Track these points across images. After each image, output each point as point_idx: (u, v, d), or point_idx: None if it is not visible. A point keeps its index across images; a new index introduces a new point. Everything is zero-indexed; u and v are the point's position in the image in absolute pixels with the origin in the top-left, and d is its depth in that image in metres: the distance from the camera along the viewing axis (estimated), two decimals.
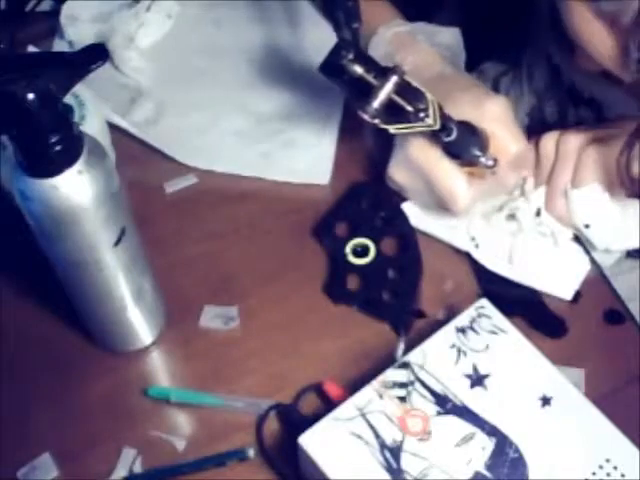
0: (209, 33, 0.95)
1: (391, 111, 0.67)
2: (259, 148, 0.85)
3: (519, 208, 0.76)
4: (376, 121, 0.67)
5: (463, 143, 0.70)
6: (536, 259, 0.76)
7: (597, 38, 0.64)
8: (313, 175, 0.83)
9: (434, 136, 0.70)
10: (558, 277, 0.75)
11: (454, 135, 0.69)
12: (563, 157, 0.74)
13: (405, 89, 0.67)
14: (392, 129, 0.68)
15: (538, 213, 0.76)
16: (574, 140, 0.73)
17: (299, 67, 0.90)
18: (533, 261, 0.76)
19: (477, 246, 0.77)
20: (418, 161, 0.73)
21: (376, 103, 0.66)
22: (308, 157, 0.84)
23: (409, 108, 0.67)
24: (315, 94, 0.88)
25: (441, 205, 0.74)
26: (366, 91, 0.66)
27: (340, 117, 0.87)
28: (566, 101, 0.84)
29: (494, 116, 0.73)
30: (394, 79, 0.66)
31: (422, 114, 0.67)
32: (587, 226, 0.74)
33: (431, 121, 0.67)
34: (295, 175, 0.83)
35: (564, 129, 0.75)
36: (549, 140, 0.75)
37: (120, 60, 0.90)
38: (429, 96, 0.68)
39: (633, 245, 0.74)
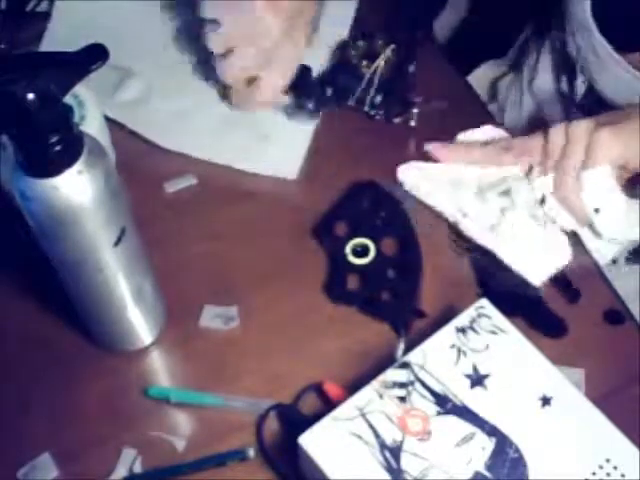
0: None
1: None
2: (235, 139, 0.86)
3: (518, 190, 0.76)
4: None
5: None
6: (518, 238, 0.76)
7: None
8: (281, 170, 0.83)
9: None
10: (534, 261, 0.76)
11: None
12: (574, 139, 0.74)
13: None
14: None
15: (542, 201, 0.76)
16: (585, 123, 0.74)
17: None
18: (515, 240, 0.76)
19: (465, 215, 0.77)
20: None
21: None
22: (281, 152, 0.85)
23: None
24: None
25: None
26: None
27: (319, 118, 0.87)
28: (568, 103, 0.84)
29: None
30: None
31: None
32: (597, 210, 0.74)
33: None
34: (264, 168, 0.83)
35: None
36: (559, 129, 0.75)
37: None
38: None
39: (635, 237, 0.75)
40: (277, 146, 0.85)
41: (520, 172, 0.78)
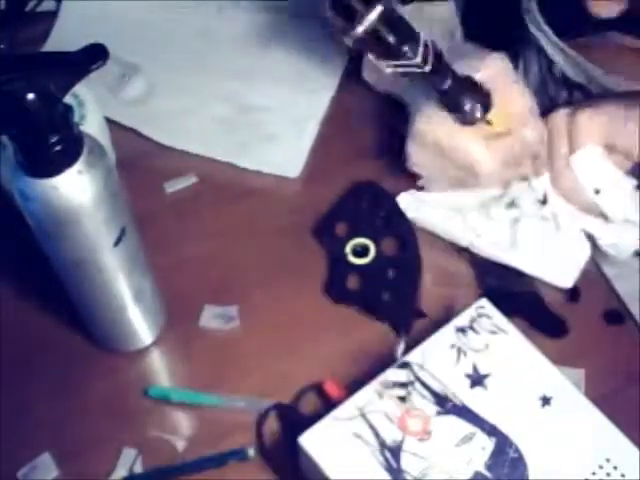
0: (211, 18, 0.95)
1: (381, 47, 0.65)
2: (238, 137, 0.86)
3: (520, 196, 0.76)
4: (370, 57, 0.66)
5: (458, 94, 0.70)
6: (537, 246, 0.75)
7: None
8: (284, 168, 0.83)
9: (429, 80, 0.69)
10: (558, 265, 0.75)
11: (448, 83, 0.69)
12: (555, 131, 0.74)
13: (393, 22, 0.65)
14: (385, 66, 0.67)
15: (544, 201, 0.76)
16: (561, 112, 0.74)
17: (291, 65, 0.90)
18: (534, 248, 0.75)
19: (479, 236, 0.76)
20: (432, 133, 0.73)
21: (360, 29, 0.63)
22: (283, 151, 0.85)
23: (391, 39, 0.64)
24: (301, 93, 0.88)
25: (465, 175, 0.74)
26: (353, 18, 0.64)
27: (322, 117, 0.87)
28: (559, 89, 0.84)
29: (494, 72, 0.73)
30: (379, 8, 0.63)
31: (406, 48, 0.65)
32: (597, 191, 0.74)
33: (419, 60, 0.65)
34: (267, 166, 0.84)
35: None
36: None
37: None
38: (422, 35, 0.66)
39: None
40: (281, 145, 0.85)
41: (519, 177, 0.78)
